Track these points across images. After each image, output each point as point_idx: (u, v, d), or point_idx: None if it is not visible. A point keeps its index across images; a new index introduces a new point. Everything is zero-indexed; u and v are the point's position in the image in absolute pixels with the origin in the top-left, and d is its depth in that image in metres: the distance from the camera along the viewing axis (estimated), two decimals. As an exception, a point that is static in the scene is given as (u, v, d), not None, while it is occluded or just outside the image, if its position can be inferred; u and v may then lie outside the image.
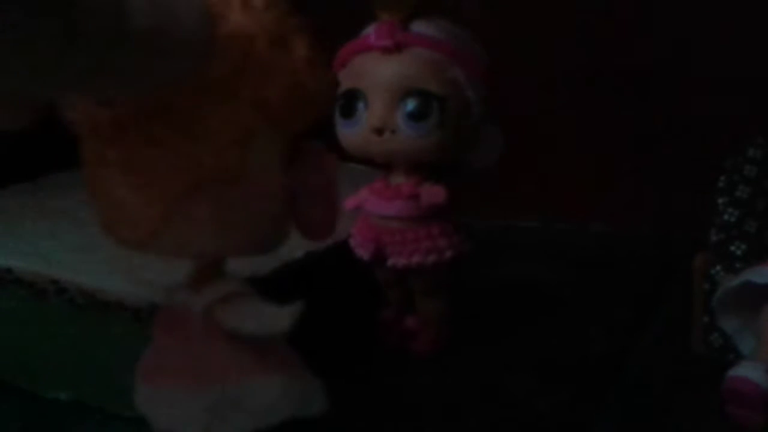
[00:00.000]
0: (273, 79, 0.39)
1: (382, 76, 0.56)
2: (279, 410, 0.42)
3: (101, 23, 0.30)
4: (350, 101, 0.57)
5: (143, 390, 0.44)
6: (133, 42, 0.31)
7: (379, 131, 0.56)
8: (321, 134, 0.58)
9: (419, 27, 0.57)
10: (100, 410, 0.53)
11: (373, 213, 0.59)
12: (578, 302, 0.69)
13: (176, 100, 0.38)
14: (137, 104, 0.38)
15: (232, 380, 0.42)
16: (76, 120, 0.40)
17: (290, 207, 0.42)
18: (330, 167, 0.43)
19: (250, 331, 0.41)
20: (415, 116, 0.56)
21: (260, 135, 0.40)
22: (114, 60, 0.31)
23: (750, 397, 0.51)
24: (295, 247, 0.61)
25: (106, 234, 0.41)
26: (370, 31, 0.57)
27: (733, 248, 0.58)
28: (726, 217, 0.59)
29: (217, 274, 0.43)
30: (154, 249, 0.41)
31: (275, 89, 0.39)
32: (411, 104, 0.56)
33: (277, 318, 0.41)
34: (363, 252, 0.59)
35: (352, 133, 0.58)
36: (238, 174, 0.39)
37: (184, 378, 0.42)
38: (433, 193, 0.57)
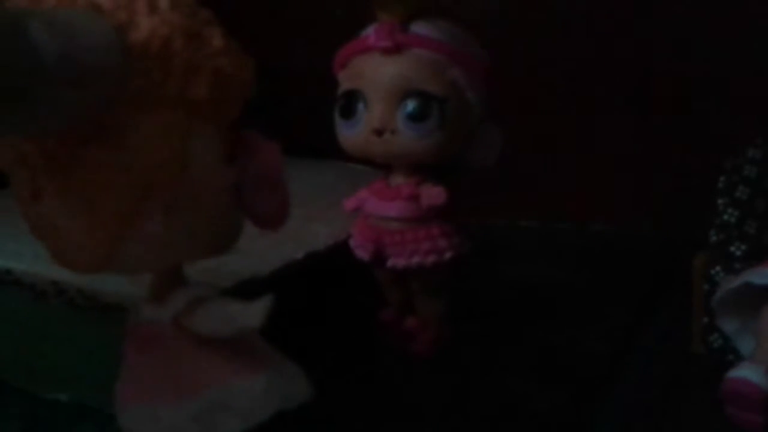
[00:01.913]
0: (196, 76, 0.39)
1: (382, 77, 0.56)
2: (266, 406, 0.42)
3: (6, 54, 0.29)
4: (350, 102, 0.57)
5: (126, 412, 0.43)
6: (42, 74, 0.31)
7: (379, 132, 0.56)
8: (320, 134, 0.59)
9: (419, 28, 0.57)
10: (100, 411, 0.53)
11: (372, 214, 0.59)
12: (578, 302, 0.69)
13: (102, 118, 0.37)
14: (65, 133, 0.37)
15: (214, 385, 0.41)
16: (0, 155, 0.39)
17: (238, 201, 0.41)
18: (271, 153, 0.42)
19: (221, 334, 0.41)
20: (415, 117, 0.56)
21: (195, 135, 0.39)
22: (27, 96, 0.30)
23: (749, 398, 0.51)
24: (295, 247, 0.61)
25: (59, 264, 0.40)
26: (370, 32, 0.57)
27: (732, 249, 0.58)
28: (726, 217, 0.59)
29: (178, 282, 0.43)
30: (110, 270, 0.40)
31: (200, 86, 0.39)
32: (411, 105, 0.56)
33: (245, 316, 0.40)
34: (363, 253, 0.59)
35: (352, 134, 0.57)
36: (180, 180, 0.38)
37: (165, 392, 0.42)
38: (433, 194, 0.57)
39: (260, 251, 0.54)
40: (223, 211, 0.41)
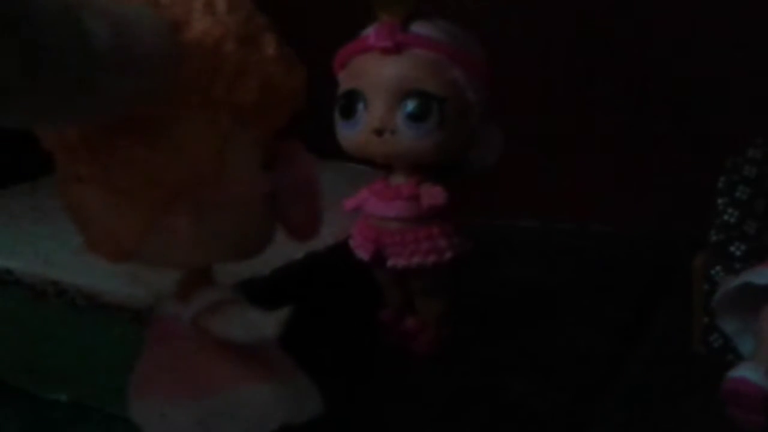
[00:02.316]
0: (244, 81, 0.39)
1: (382, 76, 0.56)
2: (272, 417, 0.42)
3: (61, 41, 0.29)
4: (350, 102, 0.57)
5: (136, 402, 0.43)
6: (97, 62, 0.31)
7: (379, 132, 0.56)
8: (320, 134, 0.59)
9: (419, 28, 0.57)
10: (100, 411, 0.53)
11: (372, 214, 0.59)
12: (578, 302, 0.69)
13: (144, 112, 0.37)
14: (105, 122, 0.38)
15: (223, 390, 0.42)
16: (46, 137, 0.39)
17: (272, 209, 0.42)
18: (309, 165, 0.43)
19: (238, 340, 0.41)
20: (414, 117, 0.56)
21: (236, 138, 0.39)
22: (81, 82, 0.31)
23: (750, 398, 0.51)
24: (295, 247, 0.61)
25: (89, 249, 0.41)
26: (370, 32, 0.57)
27: (732, 249, 0.58)
28: (726, 217, 0.59)
29: (204, 282, 0.43)
30: (139, 261, 0.41)
31: (248, 90, 0.39)
32: (411, 105, 0.56)
33: (264, 324, 0.40)
34: (363, 253, 0.59)
35: (351, 134, 0.58)
36: (216, 181, 0.39)
37: (176, 389, 0.42)
38: (433, 194, 0.57)
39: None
40: (255, 218, 0.41)
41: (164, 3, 0.38)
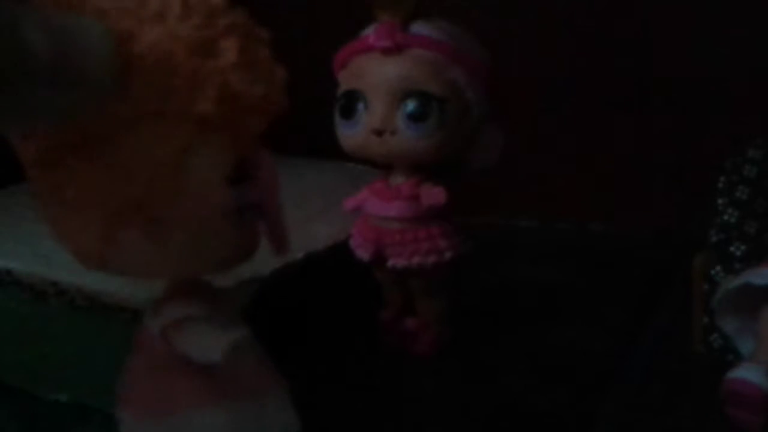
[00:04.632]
0: (200, 91, 0.37)
1: (382, 77, 0.56)
2: None
3: (10, 58, 0.29)
4: (350, 102, 0.57)
5: (120, 414, 0.43)
6: (34, 73, 0.31)
7: (379, 132, 0.56)
8: (320, 134, 0.59)
9: (419, 28, 0.57)
10: (100, 411, 0.53)
11: (373, 214, 0.59)
12: (578, 302, 0.69)
13: (95, 128, 0.36)
14: (55, 137, 0.37)
15: (182, 410, 0.41)
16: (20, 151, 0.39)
17: (242, 222, 0.40)
18: (269, 175, 0.41)
19: (192, 357, 0.40)
20: (415, 117, 0.56)
21: (196, 152, 0.37)
22: (18, 94, 0.31)
23: (749, 398, 0.51)
24: (295, 247, 0.61)
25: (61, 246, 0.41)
26: (370, 32, 0.57)
27: (732, 249, 0.58)
28: (726, 217, 0.59)
29: (181, 295, 0.42)
30: (107, 270, 0.40)
31: (204, 101, 0.37)
32: (411, 105, 0.56)
33: (211, 347, 0.39)
34: (363, 253, 0.59)
35: (352, 134, 0.57)
36: (172, 196, 0.37)
37: (144, 404, 0.41)
38: (433, 194, 0.57)
39: (260, 251, 0.54)
40: (216, 233, 0.39)
41: (113, 15, 0.37)
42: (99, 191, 0.37)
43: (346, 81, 0.58)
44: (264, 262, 0.53)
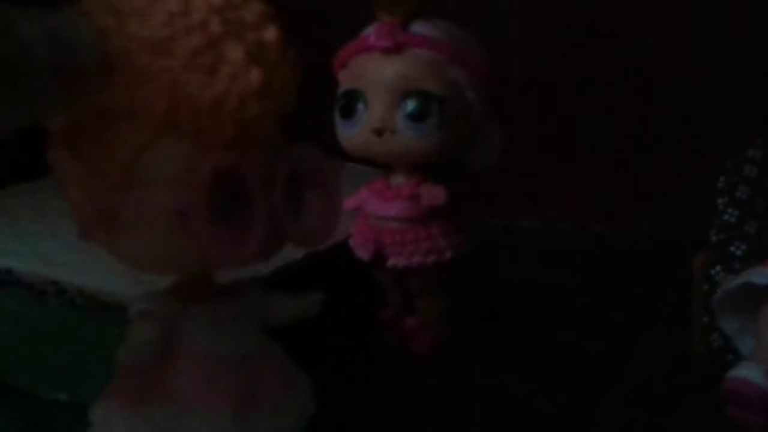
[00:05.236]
0: (151, 88, 0.37)
1: (382, 76, 0.56)
2: None
3: (11, 51, 0.31)
4: (350, 102, 0.57)
5: (95, 409, 0.43)
6: (32, 67, 0.32)
7: (379, 132, 0.56)
8: (320, 134, 0.59)
9: (419, 28, 0.57)
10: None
11: (373, 214, 0.59)
12: (578, 302, 0.69)
13: (75, 125, 0.38)
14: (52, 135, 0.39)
15: (176, 404, 0.41)
16: None
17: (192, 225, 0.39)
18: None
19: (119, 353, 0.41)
20: (415, 117, 0.56)
21: (151, 149, 0.38)
22: (17, 85, 0.32)
23: (749, 398, 0.51)
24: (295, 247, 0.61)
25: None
26: (370, 32, 0.57)
27: (733, 249, 0.58)
28: (726, 217, 0.59)
29: (191, 285, 0.42)
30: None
31: (156, 98, 0.37)
32: (411, 105, 0.56)
33: (123, 347, 0.41)
34: (363, 252, 0.59)
35: (352, 134, 0.57)
36: (124, 192, 0.38)
37: (128, 397, 0.42)
38: (433, 194, 0.57)
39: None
40: (165, 233, 0.39)
41: (95, 14, 0.37)
42: (76, 185, 0.38)
43: (346, 81, 0.58)
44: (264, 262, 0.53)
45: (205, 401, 0.41)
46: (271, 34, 0.40)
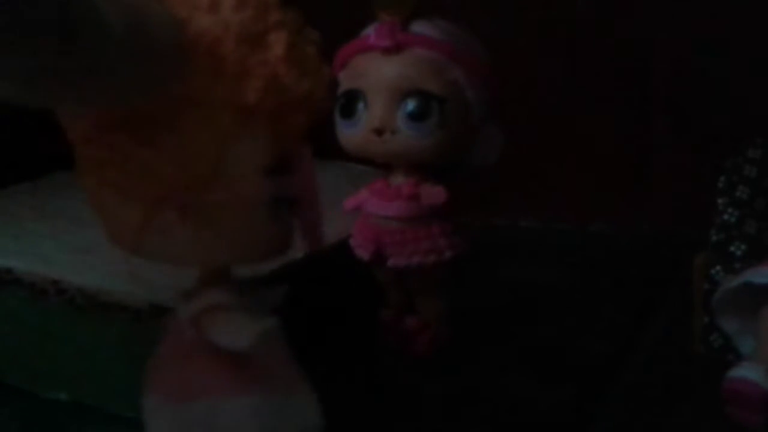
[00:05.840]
0: (247, 81, 0.38)
1: (382, 76, 0.56)
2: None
3: (92, 27, 0.30)
4: (350, 101, 0.57)
5: (144, 398, 0.43)
6: (113, 47, 0.31)
7: (379, 132, 0.56)
8: (320, 134, 0.59)
9: (420, 27, 0.57)
10: (100, 411, 0.53)
11: (373, 213, 0.59)
12: (578, 302, 0.69)
13: (143, 109, 0.37)
14: (103, 114, 0.37)
15: (204, 397, 0.41)
16: (70, 129, 0.39)
17: (280, 215, 0.40)
18: (310, 173, 0.42)
19: (221, 345, 0.40)
20: (415, 117, 0.56)
21: (238, 141, 0.38)
22: (100, 67, 0.31)
23: (750, 397, 0.51)
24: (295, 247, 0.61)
25: (107, 239, 0.41)
26: (370, 32, 0.57)
27: (733, 248, 0.58)
28: (726, 217, 0.59)
29: (214, 283, 0.42)
30: (143, 255, 0.40)
31: (251, 91, 0.38)
32: (411, 105, 0.56)
33: (239, 334, 0.40)
34: (363, 252, 0.59)
35: (352, 134, 0.57)
36: (211, 183, 0.38)
37: (164, 389, 0.41)
38: (433, 194, 0.57)
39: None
40: (252, 223, 0.40)
41: (169, 1, 0.37)
42: (140, 172, 0.37)
43: (346, 80, 0.58)
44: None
45: (240, 390, 0.41)
46: (313, 33, 0.41)
